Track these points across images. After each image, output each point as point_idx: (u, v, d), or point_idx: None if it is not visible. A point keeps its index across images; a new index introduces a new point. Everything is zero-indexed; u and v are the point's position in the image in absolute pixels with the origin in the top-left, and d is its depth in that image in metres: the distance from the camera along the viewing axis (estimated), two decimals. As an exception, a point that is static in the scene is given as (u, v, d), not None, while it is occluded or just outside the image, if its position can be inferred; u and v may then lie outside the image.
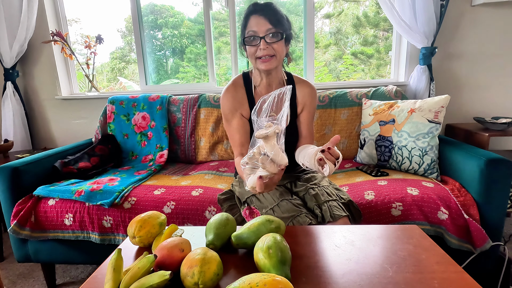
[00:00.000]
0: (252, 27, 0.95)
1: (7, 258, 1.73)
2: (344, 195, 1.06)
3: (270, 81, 1.07)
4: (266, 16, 0.94)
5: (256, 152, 0.67)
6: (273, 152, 0.64)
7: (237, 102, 1.07)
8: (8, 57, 1.99)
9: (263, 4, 0.97)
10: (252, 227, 0.67)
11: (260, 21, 0.94)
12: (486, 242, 1.09)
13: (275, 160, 0.65)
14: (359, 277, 0.57)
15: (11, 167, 1.30)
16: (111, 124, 1.86)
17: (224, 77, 2.41)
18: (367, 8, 2.47)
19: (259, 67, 1.00)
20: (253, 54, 0.98)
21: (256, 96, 1.09)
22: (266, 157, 0.64)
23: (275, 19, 0.94)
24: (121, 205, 1.27)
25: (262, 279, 0.47)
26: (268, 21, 0.93)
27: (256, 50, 0.96)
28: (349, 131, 1.70)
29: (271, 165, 0.64)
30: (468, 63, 1.88)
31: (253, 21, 0.95)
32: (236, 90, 1.09)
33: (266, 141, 0.65)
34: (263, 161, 0.64)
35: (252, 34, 0.95)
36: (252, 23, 0.95)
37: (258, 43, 0.95)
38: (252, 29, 0.95)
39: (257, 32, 0.94)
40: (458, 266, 0.60)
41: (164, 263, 0.58)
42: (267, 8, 0.95)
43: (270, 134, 0.64)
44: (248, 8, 0.98)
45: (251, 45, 0.97)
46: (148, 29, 2.29)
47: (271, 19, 0.94)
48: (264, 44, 0.94)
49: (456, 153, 1.30)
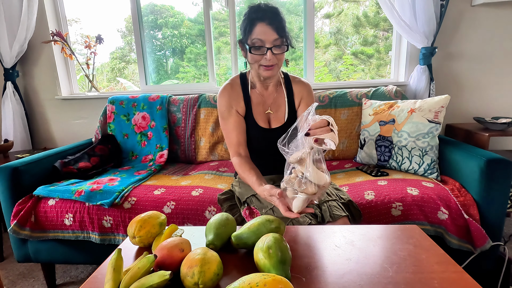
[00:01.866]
0: (259, 35, 0.94)
1: (7, 258, 1.73)
2: (344, 195, 1.06)
3: (268, 83, 1.10)
4: (273, 25, 0.93)
5: (293, 176, 0.67)
6: (309, 174, 0.64)
7: (233, 100, 1.09)
8: (8, 57, 1.99)
9: (270, 12, 0.95)
10: (252, 227, 0.67)
11: (267, 30, 0.93)
12: (486, 242, 1.09)
13: (314, 181, 0.64)
14: (359, 277, 0.57)
15: (11, 167, 1.30)
16: (111, 124, 1.86)
17: (224, 77, 2.41)
18: (367, 8, 2.47)
19: (262, 74, 1.01)
20: (257, 61, 0.98)
21: (253, 95, 1.11)
22: (301, 180, 0.65)
23: (281, 28, 0.94)
24: (121, 205, 1.27)
25: (262, 279, 0.47)
26: (276, 31, 0.93)
27: (261, 58, 0.97)
28: (349, 131, 1.70)
29: (310, 186, 0.64)
30: (468, 63, 1.88)
31: (259, 29, 0.94)
32: (232, 88, 1.10)
33: (300, 163, 0.65)
34: (300, 184, 0.64)
35: (259, 43, 0.95)
36: (258, 30, 0.94)
37: (264, 53, 0.95)
38: (258, 37, 0.94)
39: (264, 42, 0.94)
40: (458, 266, 0.60)
41: (164, 263, 0.58)
42: (273, 16, 0.94)
43: (303, 156, 0.63)
44: (254, 12, 0.95)
45: (256, 53, 0.96)
46: (148, 29, 2.29)
47: (278, 29, 0.93)
48: (271, 55, 0.95)
49: (456, 153, 1.30)
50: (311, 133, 0.63)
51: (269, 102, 1.11)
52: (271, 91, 1.12)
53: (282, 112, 1.11)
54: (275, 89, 1.12)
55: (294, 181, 0.66)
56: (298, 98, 1.12)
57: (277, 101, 1.11)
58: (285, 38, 0.96)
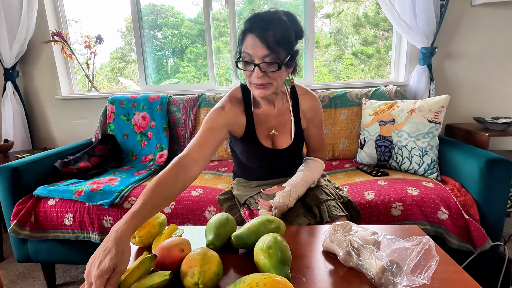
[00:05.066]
0: (247, 49, 0.80)
1: (7, 258, 1.73)
2: (344, 194, 1.06)
3: (271, 98, 0.97)
4: (263, 38, 0.77)
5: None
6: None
7: (231, 120, 0.94)
8: (8, 57, 1.99)
9: (263, 22, 0.79)
10: (252, 227, 0.67)
11: (256, 43, 0.78)
12: (486, 242, 1.09)
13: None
14: (359, 277, 0.57)
15: (11, 167, 1.30)
16: (111, 124, 1.86)
17: (224, 77, 2.41)
18: (367, 8, 2.47)
19: (254, 93, 0.88)
20: (247, 78, 0.85)
21: (256, 111, 0.98)
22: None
23: (275, 42, 0.78)
24: (121, 205, 1.27)
25: (262, 279, 0.47)
26: (266, 45, 0.77)
27: (251, 75, 0.83)
28: (349, 131, 1.70)
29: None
30: (468, 63, 1.88)
31: (249, 41, 0.80)
32: (231, 107, 0.95)
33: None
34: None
35: (247, 58, 0.81)
36: (248, 43, 0.80)
37: (252, 70, 0.81)
38: (247, 51, 0.80)
39: (252, 56, 0.80)
40: (458, 266, 0.60)
41: (164, 263, 0.58)
42: (267, 28, 0.78)
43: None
44: (248, 21, 0.82)
45: (244, 69, 0.84)
46: (148, 29, 2.29)
47: (268, 43, 0.77)
48: (259, 73, 0.80)
49: (456, 153, 1.30)
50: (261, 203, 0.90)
51: (273, 121, 0.98)
52: (275, 108, 0.99)
53: (287, 132, 0.99)
54: (280, 105, 0.99)
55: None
56: (304, 119, 1.01)
57: (283, 119, 0.99)
58: (277, 54, 0.78)
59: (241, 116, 0.96)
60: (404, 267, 0.52)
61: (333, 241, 0.62)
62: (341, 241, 0.61)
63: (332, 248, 0.64)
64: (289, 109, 0.99)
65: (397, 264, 0.53)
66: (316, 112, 1.02)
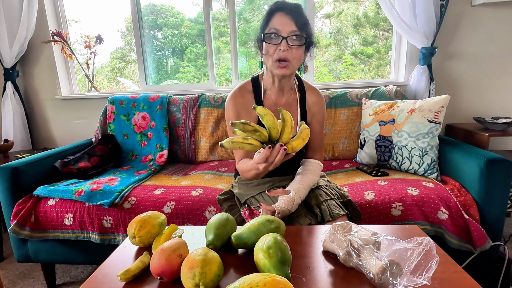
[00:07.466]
0: (276, 25, 0.88)
1: (7, 258, 1.73)
2: (344, 193, 1.06)
3: (282, 86, 1.01)
4: (293, 16, 0.87)
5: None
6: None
7: (243, 109, 1.00)
8: (8, 57, 1.99)
9: (291, 4, 0.89)
10: (252, 227, 0.67)
11: (285, 20, 0.87)
12: (486, 242, 1.09)
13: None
14: (359, 277, 0.57)
15: (11, 167, 1.30)
16: (111, 124, 1.86)
17: (224, 77, 2.41)
18: (367, 8, 2.47)
19: (275, 71, 0.93)
20: (271, 54, 0.91)
21: (266, 101, 1.02)
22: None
23: (302, 22, 0.87)
24: (121, 205, 1.27)
25: (262, 279, 0.47)
26: (294, 22, 0.87)
27: (275, 50, 0.89)
28: (349, 131, 1.70)
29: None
30: (468, 63, 1.88)
31: (277, 18, 0.88)
32: (242, 95, 1.01)
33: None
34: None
35: (274, 32, 0.88)
36: (276, 20, 0.88)
37: (279, 43, 0.88)
38: (275, 27, 0.88)
39: (280, 31, 0.87)
40: (458, 266, 0.60)
41: (165, 273, 0.56)
42: (295, 9, 0.88)
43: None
44: (275, 4, 0.90)
45: (270, 43, 0.89)
46: (148, 29, 2.29)
47: (297, 21, 0.87)
48: (285, 45, 0.87)
49: (456, 153, 1.30)
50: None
51: None
52: (285, 99, 1.03)
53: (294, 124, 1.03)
54: (289, 96, 1.04)
55: None
56: (310, 113, 1.06)
57: (289, 110, 1.02)
58: (305, 33, 0.88)
59: (252, 103, 1.01)
60: (404, 268, 0.52)
61: (333, 241, 0.62)
62: (341, 241, 0.61)
63: (332, 248, 0.64)
64: (296, 101, 1.04)
65: (397, 264, 0.53)
66: (320, 107, 1.06)
